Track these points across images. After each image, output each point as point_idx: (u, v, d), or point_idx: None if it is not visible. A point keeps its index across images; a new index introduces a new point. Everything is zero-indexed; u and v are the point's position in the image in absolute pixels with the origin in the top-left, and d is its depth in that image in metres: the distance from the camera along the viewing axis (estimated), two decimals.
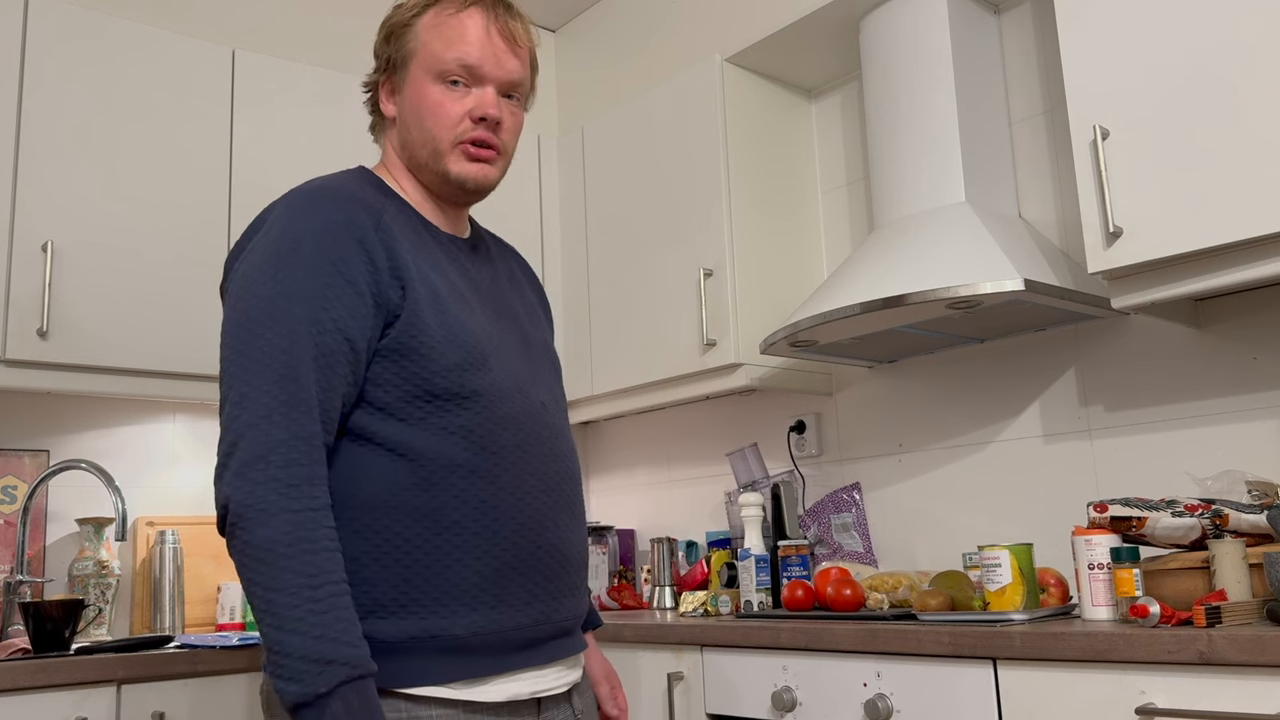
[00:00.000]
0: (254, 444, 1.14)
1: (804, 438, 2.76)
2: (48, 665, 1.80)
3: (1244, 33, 1.69)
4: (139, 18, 2.59)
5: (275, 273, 1.20)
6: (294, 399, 1.16)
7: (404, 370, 1.23)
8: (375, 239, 1.24)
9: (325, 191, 1.26)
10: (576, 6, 3.22)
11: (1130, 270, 1.81)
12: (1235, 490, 1.84)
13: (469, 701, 1.22)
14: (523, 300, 1.48)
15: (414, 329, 1.23)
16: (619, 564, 3.07)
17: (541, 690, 1.29)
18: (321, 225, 1.22)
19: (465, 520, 1.23)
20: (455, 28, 1.33)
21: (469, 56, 1.32)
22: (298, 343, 1.17)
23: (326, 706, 1.09)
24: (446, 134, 1.33)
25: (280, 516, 1.12)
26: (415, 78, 1.34)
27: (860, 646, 1.83)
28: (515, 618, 1.26)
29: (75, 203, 2.24)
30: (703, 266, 2.61)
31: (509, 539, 1.26)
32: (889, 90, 2.36)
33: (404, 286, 1.24)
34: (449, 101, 1.33)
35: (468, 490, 1.24)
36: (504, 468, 1.27)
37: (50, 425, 2.48)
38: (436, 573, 1.22)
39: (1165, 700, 1.45)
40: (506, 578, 1.25)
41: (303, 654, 1.09)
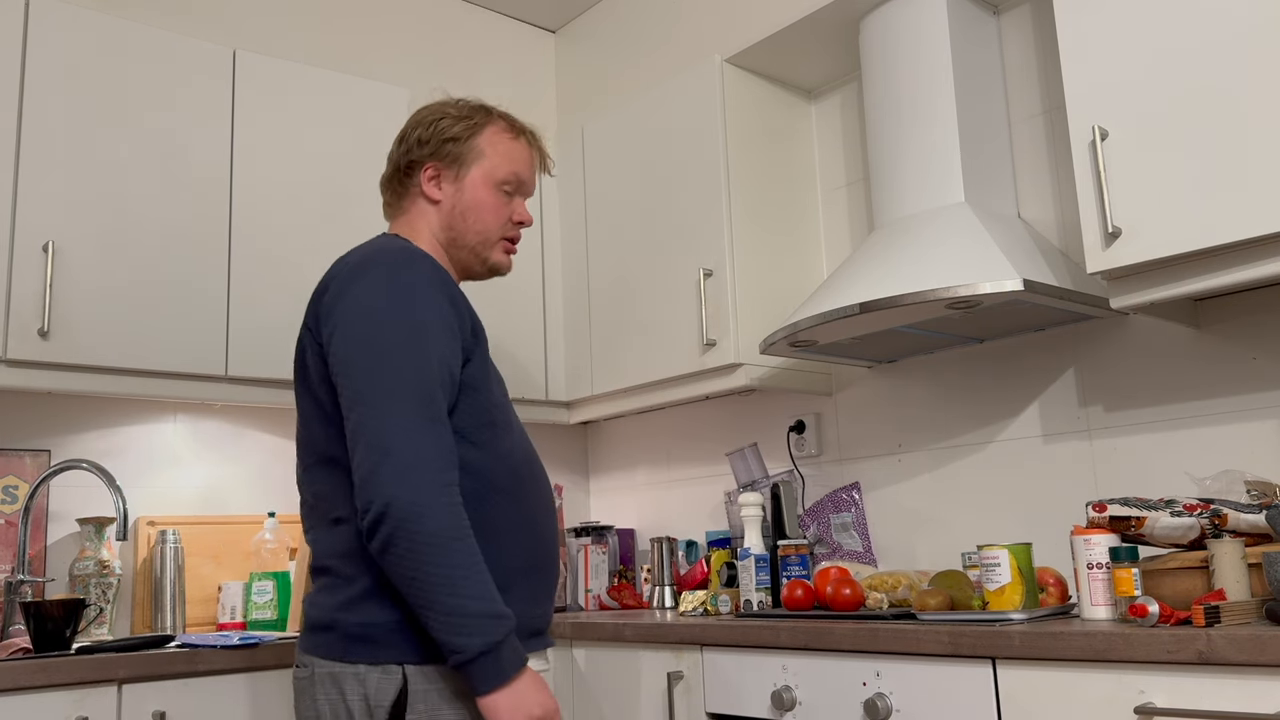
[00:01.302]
0: (408, 452, 1.37)
1: (804, 438, 2.76)
2: (49, 665, 1.80)
3: (1243, 33, 1.69)
4: (139, 18, 2.59)
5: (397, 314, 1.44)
6: (433, 415, 1.41)
7: (475, 400, 1.51)
8: (459, 294, 1.53)
9: (418, 254, 1.53)
10: (576, 7, 3.22)
11: (1129, 270, 1.82)
12: (1234, 490, 1.84)
13: None
14: None
15: (480, 367, 1.53)
16: (619, 564, 3.07)
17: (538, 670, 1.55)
18: (426, 279, 1.49)
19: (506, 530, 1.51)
20: (516, 149, 1.68)
21: (523, 176, 1.69)
22: (427, 368, 1.42)
23: (501, 652, 1.37)
24: (495, 231, 1.67)
25: (443, 511, 1.37)
26: (477, 179, 1.66)
27: (860, 646, 1.83)
28: (536, 610, 1.55)
29: (76, 203, 2.24)
30: (703, 266, 2.61)
31: (533, 548, 1.55)
32: (889, 91, 2.36)
33: (475, 334, 1.54)
34: (502, 206, 1.67)
35: (506, 506, 1.52)
36: (526, 489, 1.56)
37: (51, 425, 2.48)
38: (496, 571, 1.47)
39: (1164, 700, 1.46)
40: (533, 578, 1.54)
41: (482, 613, 1.36)
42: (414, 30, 3.08)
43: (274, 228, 2.51)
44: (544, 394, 2.97)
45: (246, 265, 2.45)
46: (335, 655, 1.44)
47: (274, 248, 2.50)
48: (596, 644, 2.38)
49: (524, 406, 2.95)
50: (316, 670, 1.45)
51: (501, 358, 2.89)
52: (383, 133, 2.72)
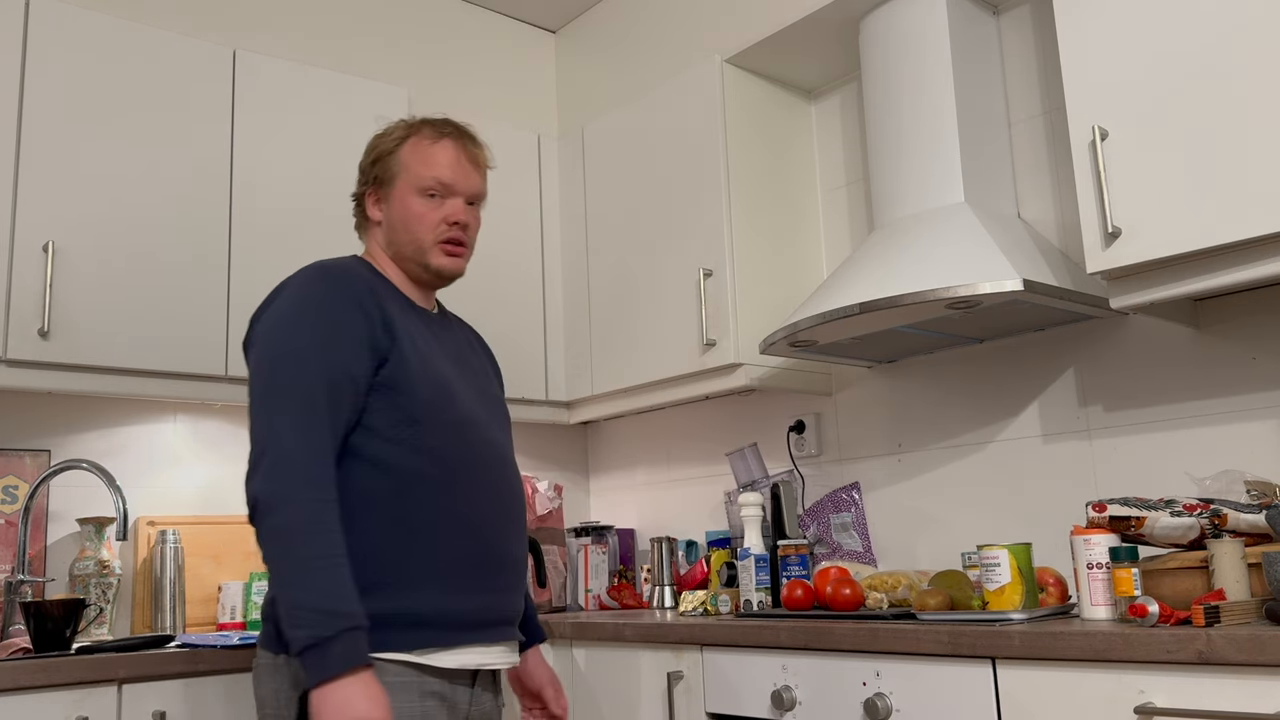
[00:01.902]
0: (278, 451, 1.47)
1: (803, 438, 2.76)
2: (49, 665, 1.80)
3: (1243, 33, 1.69)
4: (140, 18, 2.59)
5: (293, 328, 1.55)
6: (310, 420, 1.49)
7: (392, 399, 1.57)
8: (372, 302, 1.60)
9: (331, 267, 1.63)
10: (576, 7, 3.22)
11: (1129, 270, 1.82)
12: (1234, 490, 1.84)
13: (423, 665, 1.54)
14: (478, 361, 1.84)
15: (399, 369, 1.58)
16: (619, 563, 3.07)
17: (484, 664, 1.62)
18: (327, 292, 1.58)
19: (429, 523, 1.57)
20: (435, 153, 1.72)
21: (445, 178, 1.71)
22: (313, 378, 1.51)
23: (329, 648, 1.39)
24: (427, 235, 1.71)
25: (297, 504, 1.44)
26: (402, 192, 1.71)
27: (860, 646, 1.83)
28: (465, 603, 1.58)
29: (76, 203, 2.24)
30: (703, 266, 2.61)
31: (464, 539, 1.59)
32: (889, 91, 2.36)
33: (392, 337, 1.59)
34: (429, 212, 1.71)
35: (430, 499, 1.57)
36: (462, 482, 1.61)
37: (51, 425, 2.48)
38: (404, 563, 1.55)
39: (1164, 700, 1.46)
40: (460, 571, 1.58)
41: (313, 607, 1.40)
42: (414, 30, 3.08)
43: (274, 227, 2.51)
44: (544, 394, 2.97)
45: (246, 265, 2.45)
46: (267, 646, 1.56)
47: (274, 247, 2.50)
48: (596, 644, 2.38)
49: (524, 406, 2.95)
50: (259, 661, 1.58)
51: (501, 358, 2.89)
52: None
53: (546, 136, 3.15)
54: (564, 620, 2.46)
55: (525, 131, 3.10)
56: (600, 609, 2.87)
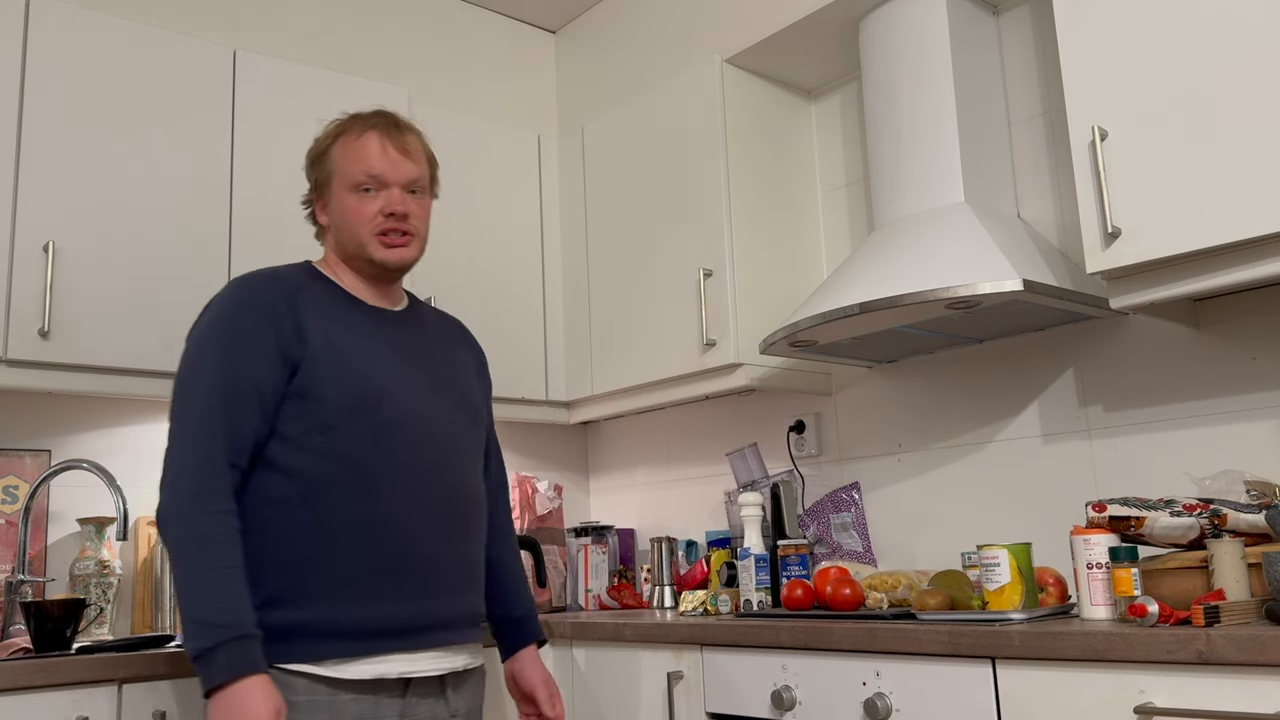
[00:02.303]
0: (175, 466, 1.52)
1: (803, 438, 2.76)
2: (49, 665, 1.80)
3: (1242, 33, 1.69)
4: (140, 18, 2.59)
5: (203, 341, 1.59)
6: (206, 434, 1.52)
7: (304, 407, 1.57)
8: (285, 309, 1.60)
9: (252, 278, 1.65)
10: (576, 7, 3.22)
11: (1129, 270, 1.82)
12: (1234, 490, 1.84)
13: (333, 678, 1.53)
14: (448, 356, 1.81)
15: (311, 376, 1.58)
16: (619, 563, 3.07)
17: (409, 672, 1.59)
18: (239, 303, 1.61)
19: (345, 530, 1.56)
20: (360, 147, 1.70)
21: (374, 169, 1.69)
22: (214, 392, 1.54)
23: (213, 658, 1.42)
24: (363, 228, 1.70)
25: (188, 520, 1.48)
26: (337, 194, 1.72)
27: (859, 646, 1.83)
28: (383, 610, 1.56)
29: (76, 203, 2.24)
30: (703, 266, 2.61)
31: (383, 546, 1.58)
32: (889, 91, 2.36)
33: (304, 344, 1.59)
34: (364, 206, 1.70)
35: (345, 506, 1.57)
36: (381, 488, 1.59)
37: (51, 425, 2.48)
38: (316, 572, 1.54)
39: (1164, 700, 1.46)
40: (376, 578, 1.57)
41: (196, 619, 1.44)
42: (414, 30, 3.08)
43: (274, 227, 2.51)
44: (544, 394, 2.97)
45: (247, 265, 2.45)
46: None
47: (274, 247, 2.50)
48: (596, 644, 2.38)
49: (524, 406, 2.95)
50: None
51: (502, 358, 2.89)
52: None
53: (546, 136, 3.15)
54: (564, 620, 2.46)
55: (525, 131, 3.10)
56: (600, 609, 2.87)
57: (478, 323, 2.86)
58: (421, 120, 2.84)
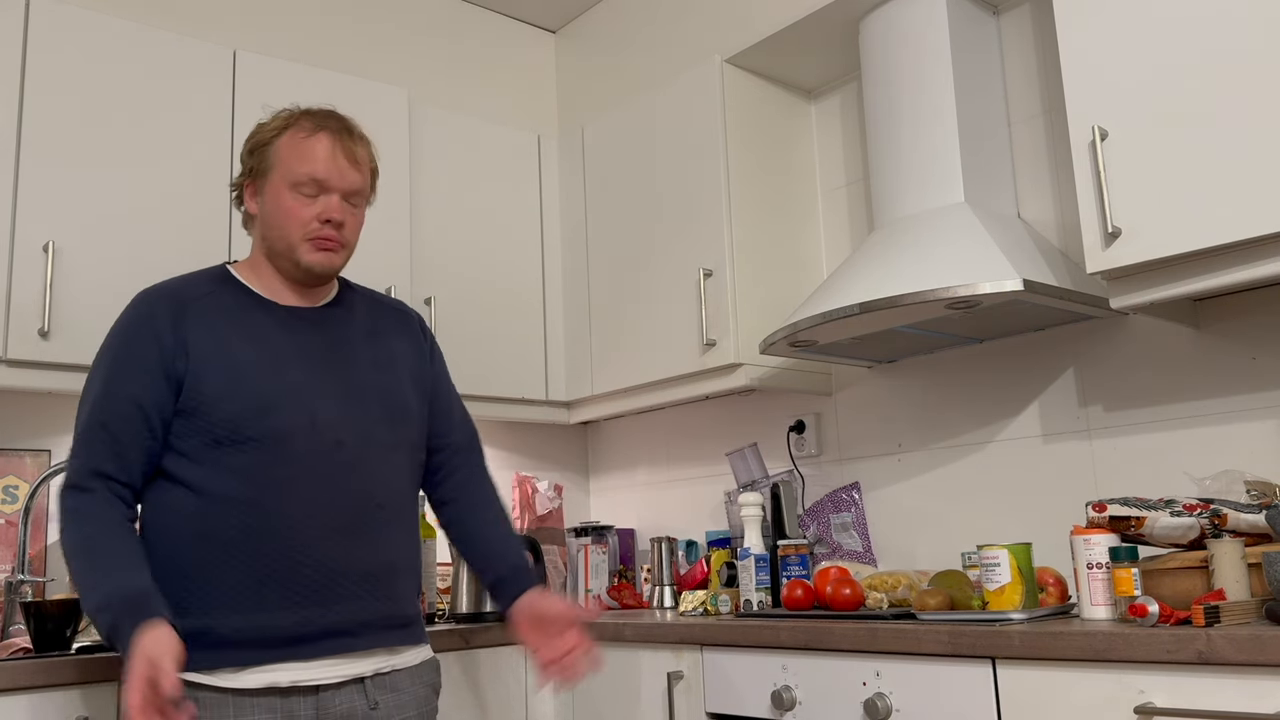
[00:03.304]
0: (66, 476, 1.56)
1: (803, 438, 2.76)
2: (49, 665, 1.80)
3: (1243, 33, 1.69)
4: (140, 18, 2.59)
5: (98, 357, 1.62)
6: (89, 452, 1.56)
7: (193, 423, 1.57)
8: (167, 325, 1.60)
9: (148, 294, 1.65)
10: (576, 7, 3.22)
11: (1129, 270, 1.82)
12: (1234, 490, 1.84)
13: (225, 688, 1.52)
14: (375, 353, 1.74)
15: (196, 391, 1.57)
16: (619, 563, 3.07)
17: (305, 680, 1.56)
18: (125, 322, 1.62)
19: (233, 541, 1.55)
20: (309, 148, 1.64)
21: (318, 173, 1.64)
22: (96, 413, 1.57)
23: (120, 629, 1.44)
24: (295, 231, 1.65)
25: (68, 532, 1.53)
26: (275, 186, 1.65)
27: (860, 646, 1.83)
28: (275, 620, 1.55)
29: (76, 203, 2.24)
30: (703, 266, 2.61)
31: (271, 557, 1.56)
32: (889, 91, 2.36)
33: (187, 360, 1.58)
34: (301, 208, 1.64)
35: (236, 517, 1.55)
36: (272, 499, 1.57)
37: (51, 425, 2.48)
38: (208, 583, 1.54)
39: (1164, 700, 1.46)
40: (267, 588, 1.55)
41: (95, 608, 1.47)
42: (414, 30, 3.08)
43: None
44: (544, 394, 2.97)
45: None
46: None
47: None
48: (596, 644, 2.38)
49: (524, 406, 2.95)
50: None
51: (502, 358, 2.89)
52: (383, 133, 2.72)
53: (546, 136, 3.15)
54: None
55: (525, 131, 3.10)
56: (601, 609, 2.87)
57: (478, 323, 2.86)
58: (421, 120, 2.84)
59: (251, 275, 1.71)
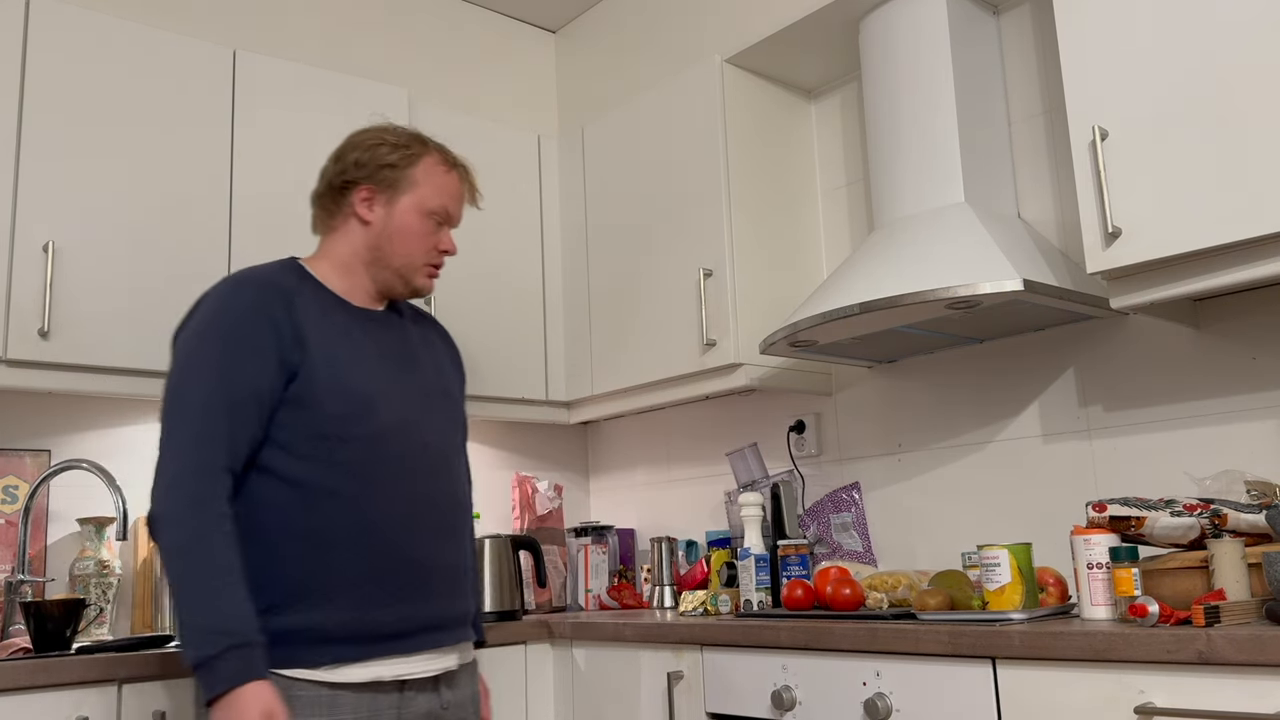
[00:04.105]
0: (168, 473, 1.51)
1: (804, 438, 2.76)
2: (49, 665, 1.80)
3: (1243, 33, 1.69)
4: (140, 18, 2.59)
5: (200, 344, 1.57)
6: (205, 438, 1.52)
7: (299, 415, 1.58)
8: (283, 314, 1.60)
9: (247, 279, 1.64)
10: (576, 7, 3.22)
11: (1129, 270, 1.82)
12: (1234, 490, 1.84)
13: (332, 683, 1.55)
14: (431, 357, 1.83)
15: (309, 384, 1.58)
16: (619, 563, 3.07)
17: (404, 674, 1.61)
18: (237, 307, 1.59)
19: (337, 538, 1.57)
20: (447, 183, 1.76)
21: (450, 209, 1.77)
22: (213, 397, 1.53)
23: (215, 666, 1.42)
24: (420, 257, 1.75)
25: (186, 525, 1.48)
26: (408, 206, 1.73)
27: (860, 646, 1.83)
28: (378, 615, 1.58)
29: (76, 203, 2.24)
30: (703, 266, 2.61)
31: (375, 554, 1.59)
32: (889, 91, 2.36)
33: (303, 350, 1.60)
34: (429, 234, 1.75)
35: (341, 513, 1.58)
36: (375, 495, 1.60)
37: (51, 425, 2.48)
38: (313, 579, 1.56)
39: (1164, 700, 1.46)
40: (371, 584, 1.59)
41: (197, 627, 1.44)
42: (414, 30, 3.08)
43: (274, 227, 2.51)
44: (544, 394, 2.97)
45: (247, 264, 2.44)
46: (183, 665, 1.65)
47: (274, 247, 2.50)
48: (596, 644, 2.38)
49: (524, 406, 2.95)
50: None
51: (502, 358, 2.89)
52: None
53: (546, 136, 3.15)
54: (564, 620, 2.46)
55: (525, 131, 3.10)
56: (600, 609, 2.87)
57: (478, 323, 2.86)
58: (422, 120, 2.84)
59: (331, 274, 1.74)
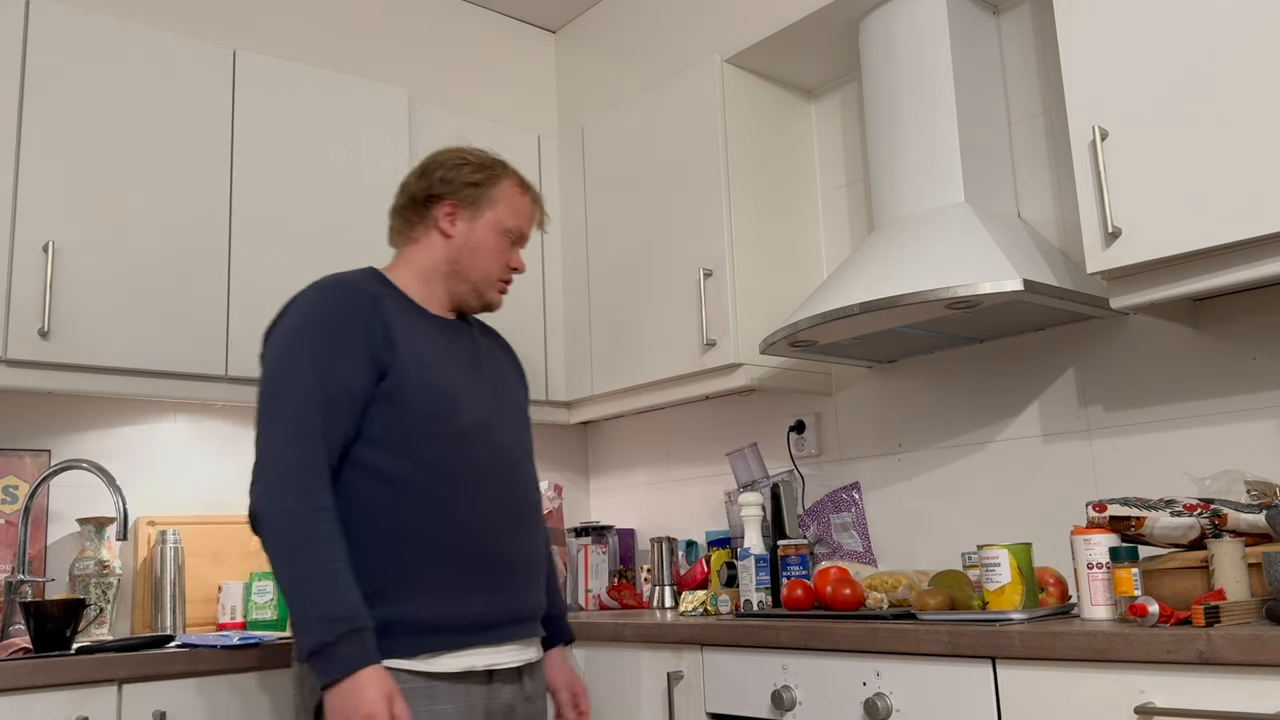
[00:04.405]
0: (273, 465, 1.55)
1: (804, 438, 2.76)
2: (49, 665, 1.80)
3: (1243, 33, 1.69)
4: (140, 18, 2.59)
5: (295, 343, 1.62)
6: (305, 432, 1.56)
7: (391, 413, 1.64)
8: (374, 315, 1.66)
9: (336, 283, 1.70)
10: (576, 7, 3.22)
11: (1129, 270, 1.82)
12: (1234, 490, 1.84)
13: (427, 672, 1.60)
14: (498, 367, 1.89)
15: (399, 382, 1.64)
16: (619, 563, 3.07)
17: (494, 664, 1.67)
18: (332, 308, 1.65)
19: (429, 532, 1.63)
20: (523, 206, 1.86)
21: (524, 230, 1.87)
22: (311, 392, 1.58)
23: (334, 652, 1.47)
24: (495, 273, 1.83)
25: (295, 516, 1.52)
26: (488, 224, 1.82)
27: (860, 646, 1.83)
28: (468, 607, 1.64)
29: (76, 203, 2.24)
30: (703, 266, 2.61)
31: (464, 547, 1.65)
32: (889, 91, 2.36)
33: (393, 350, 1.66)
34: (504, 251, 1.84)
35: (431, 508, 1.64)
36: (462, 491, 1.66)
37: (51, 425, 2.48)
38: (406, 571, 1.61)
39: (1164, 700, 1.46)
40: (460, 575, 1.64)
41: (315, 615, 1.47)
42: (414, 30, 3.08)
43: (274, 227, 2.51)
44: (544, 394, 2.97)
45: (247, 265, 2.45)
46: (296, 656, 1.63)
47: (274, 247, 2.50)
48: (596, 644, 2.38)
49: None
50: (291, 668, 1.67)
51: None
52: (383, 133, 2.72)
53: (546, 136, 3.15)
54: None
55: (525, 131, 3.10)
56: (600, 609, 2.87)
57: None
58: (421, 120, 2.84)
59: (411, 283, 1.81)
